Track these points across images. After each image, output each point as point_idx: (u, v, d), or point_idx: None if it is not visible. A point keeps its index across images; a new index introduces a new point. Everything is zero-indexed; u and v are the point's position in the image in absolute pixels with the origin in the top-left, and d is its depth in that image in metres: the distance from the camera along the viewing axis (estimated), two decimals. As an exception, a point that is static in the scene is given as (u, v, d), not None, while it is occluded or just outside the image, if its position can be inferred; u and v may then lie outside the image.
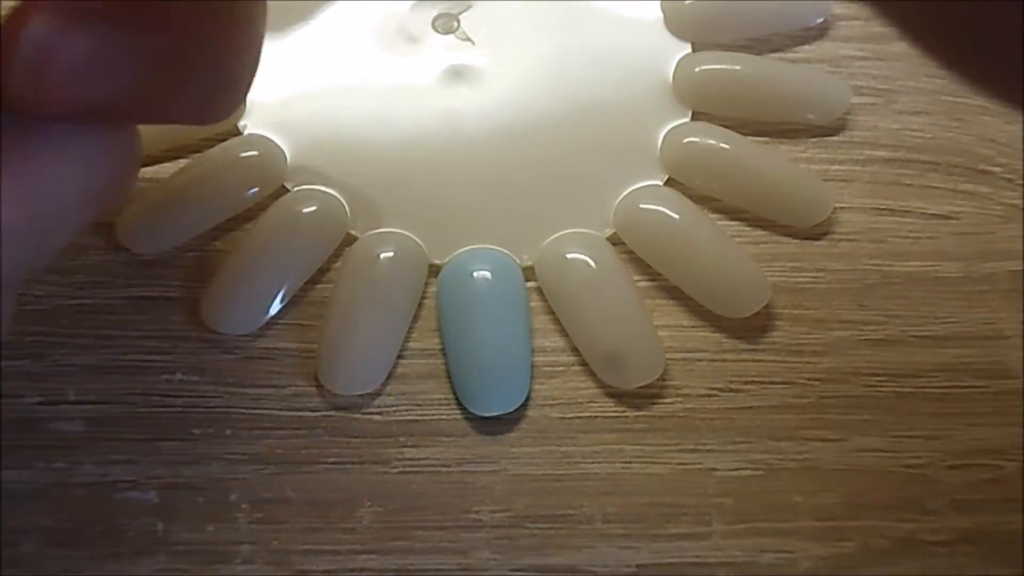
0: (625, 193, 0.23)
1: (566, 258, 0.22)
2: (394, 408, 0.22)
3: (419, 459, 0.21)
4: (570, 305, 0.22)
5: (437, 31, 0.24)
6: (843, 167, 0.24)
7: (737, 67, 0.24)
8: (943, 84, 0.25)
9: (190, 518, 0.20)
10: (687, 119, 0.24)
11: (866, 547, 0.21)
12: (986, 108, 0.25)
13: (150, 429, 0.21)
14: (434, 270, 0.23)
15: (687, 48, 0.25)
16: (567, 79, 0.24)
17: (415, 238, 0.22)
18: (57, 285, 0.22)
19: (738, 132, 0.24)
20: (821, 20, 0.25)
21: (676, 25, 0.25)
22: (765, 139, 0.24)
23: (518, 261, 0.22)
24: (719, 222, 0.23)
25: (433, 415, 0.22)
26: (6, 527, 0.20)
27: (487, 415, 0.21)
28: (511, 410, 0.21)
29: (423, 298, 0.22)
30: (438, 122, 0.23)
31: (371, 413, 0.22)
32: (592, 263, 0.22)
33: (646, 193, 0.23)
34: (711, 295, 0.22)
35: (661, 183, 0.23)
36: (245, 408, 0.21)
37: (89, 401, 0.21)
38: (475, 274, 0.22)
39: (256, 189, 0.22)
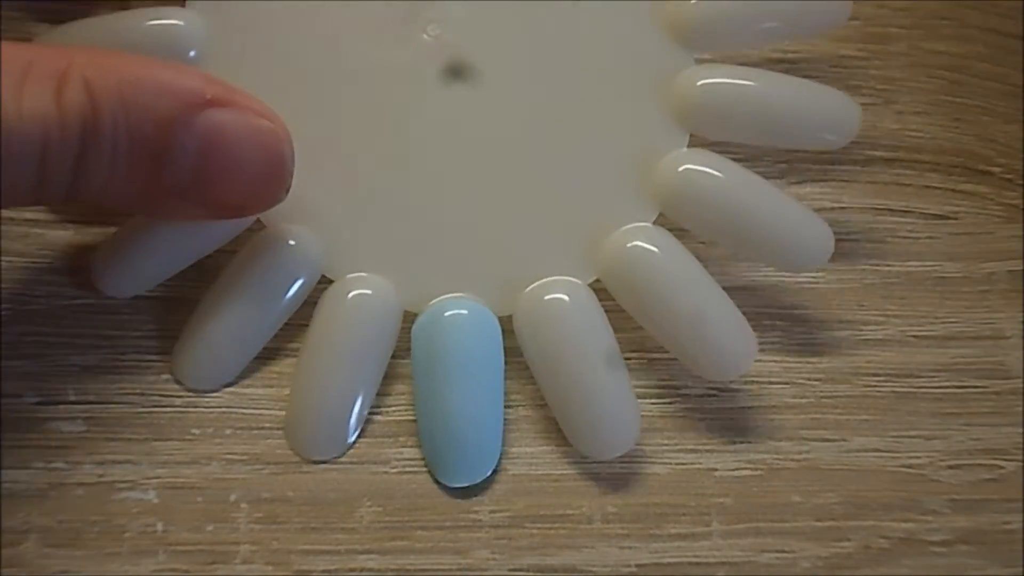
0: (611, 235, 0.21)
1: (543, 310, 0.21)
2: (394, 408, 0.22)
3: (419, 459, 0.21)
4: (545, 361, 0.21)
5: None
6: (843, 167, 0.24)
7: (743, 82, 0.22)
8: (943, 84, 0.25)
9: (189, 518, 0.20)
10: (683, 147, 0.22)
11: (865, 547, 0.21)
12: (986, 108, 0.25)
13: (149, 429, 0.21)
14: (410, 315, 0.22)
15: (689, 62, 0.22)
16: (555, 98, 0.22)
17: (390, 284, 0.21)
18: (57, 285, 0.22)
19: (738, 150, 0.23)
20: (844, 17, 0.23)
21: (679, 35, 0.22)
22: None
23: (496, 311, 0.21)
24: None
25: (433, 415, 0.22)
26: (6, 527, 0.20)
27: (455, 486, 0.21)
28: (478, 481, 0.21)
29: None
30: (417, 164, 0.22)
31: (371, 413, 0.21)
32: (570, 315, 0.21)
33: (632, 235, 0.21)
34: (693, 357, 0.21)
35: (651, 222, 0.22)
36: (244, 408, 0.21)
37: (89, 401, 0.21)
38: (450, 332, 0.21)
39: (232, 228, 0.21)
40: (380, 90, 0.22)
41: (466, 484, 0.21)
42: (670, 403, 0.22)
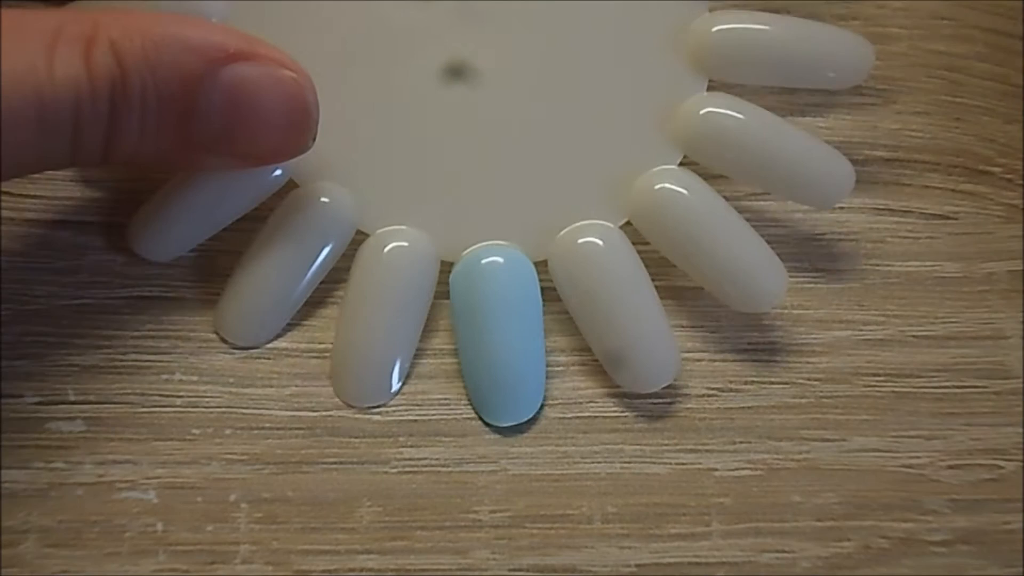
0: (639, 178, 0.22)
1: (578, 253, 0.22)
2: (394, 408, 0.22)
3: (419, 459, 0.21)
4: (583, 302, 0.21)
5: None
6: (843, 167, 0.24)
7: (756, 26, 0.23)
8: (943, 84, 0.25)
9: (189, 518, 0.20)
10: (703, 91, 0.23)
11: (865, 547, 0.21)
12: (986, 108, 0.25)
13: (149, 429, 0.21)
14: (446, 266, 0.22)
15: (703, 9, 0.23)
16: (574, 48, 0.23)
17: (426, 235, 0.22)
18: (57, 285, 0.22)
19: (754, 99, 0.23)
20: None
21: None
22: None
23: (530, 256, 0.22)
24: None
25: (433, 415, 0.22)
26: (6, 527, 0.20)
27: (501, 425, 0.21)
28: (525, 419, 0.21)
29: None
30: (444, 115, 0.23)
31: (371, 413, 0.21)
32: (605, 257, 0.21)
33: (660, 177, 0.22)
34: (727, 290, 0.22)
35: (676, 164, 0.22)
36: (244, 408, 0.21)
37: (89, 401, 0.21)
38: (487, 279, 0.21)
39: (266, 188, 0.22)
40: (406, 46, 0.23)
41: (514, 423, 0.21)
42: (670, 403, 0.22)
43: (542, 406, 0.22)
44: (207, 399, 0.21)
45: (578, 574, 0.20)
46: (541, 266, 0.22)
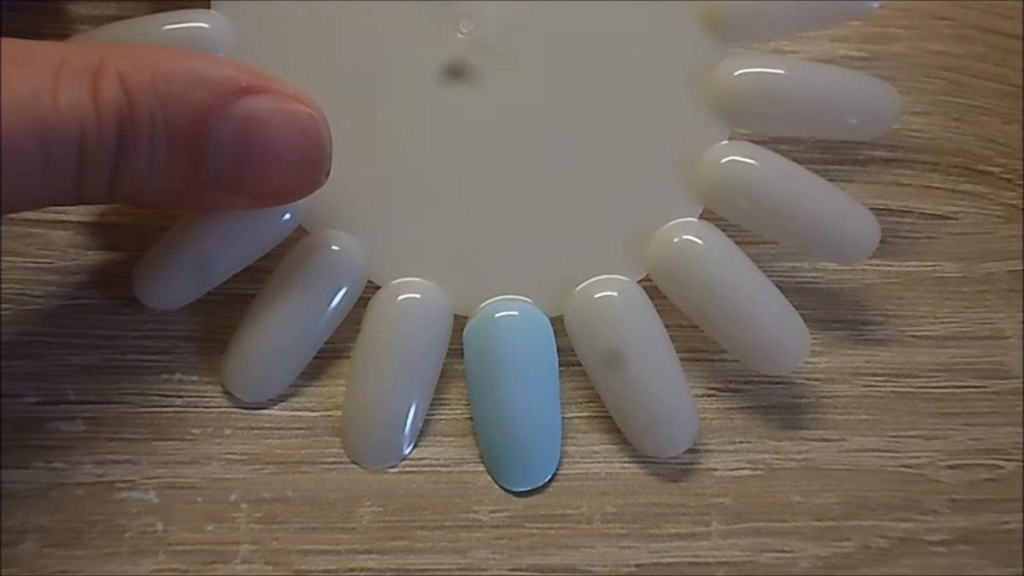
0: (658, 231, 0.21)
1: (595, 308, 0.21)
2: (393, 408, 0.22)
3: (419, 459, 0.21)
4: (600, 359, 0.21)
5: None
6: (843, 167, 0.24)
7: (781, 71, 0.22)
8: (943, 84, 0.25)
9: (189, 518, 0.20)
10: (724, 139, 0.22)
11: (865, 547, 0.21)
12: (986, 108, 0.25)
13: (149, 429, 0.21)
14: (459, 321, 0.22)
15: (725, 54, 0.22)
16: (593, 95, 0.22)
17: (439, 287, 0.21)
18: (57, 285, 0.22)
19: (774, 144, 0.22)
20: (873, 7, 0.22)
21: (713, 28, 0.22)
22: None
23: (546, 312, 0.21)
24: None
25: (432, 415, 0.22)
26: (6, 527, 0.20)
27: (516, 490, 0.21)
28: (540, 484, 0.21)
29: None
30: (460, 165, 0.22)
31: (370, 413, 0.21)
32: (623, 313, 0.21)
33: (679, 230, 0.21)
34: (746, 349, 0.21)
35: (696, 216, 0.22)
36: (244, 408, 0.21)
37: (89, 401, 0.21)
38: (502, 333, 0.21)
39: (274, 234, 0.21)
40: (417, 91, 0.22)
41: (527, 488, 0.21)
42: (670, 403, 0.22)
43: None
44: (207, 399, 0.21)
45: (578, 574, 0.20)
46: (557, 322, 0.21)
